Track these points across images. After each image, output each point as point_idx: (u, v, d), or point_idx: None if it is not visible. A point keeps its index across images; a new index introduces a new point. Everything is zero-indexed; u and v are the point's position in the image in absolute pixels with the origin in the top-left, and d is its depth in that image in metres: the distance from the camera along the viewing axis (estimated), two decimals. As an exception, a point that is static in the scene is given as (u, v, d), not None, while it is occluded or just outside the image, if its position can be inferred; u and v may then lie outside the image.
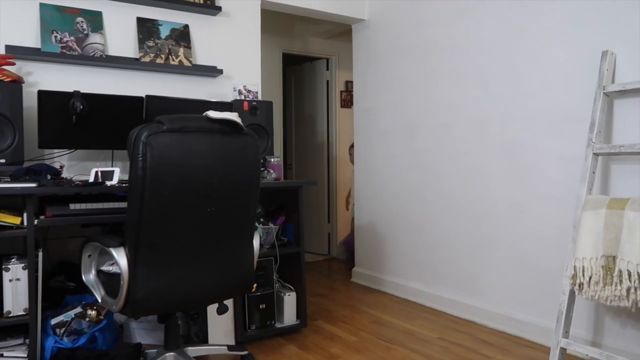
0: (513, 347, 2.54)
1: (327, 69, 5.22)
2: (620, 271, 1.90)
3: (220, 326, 2.54)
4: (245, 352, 2.34)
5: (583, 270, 2.02)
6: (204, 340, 2.53)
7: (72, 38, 2.62)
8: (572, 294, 2.12)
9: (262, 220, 2.71)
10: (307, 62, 5.33)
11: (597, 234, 2.01)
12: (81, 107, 2.42)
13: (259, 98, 3.07)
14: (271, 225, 2.75)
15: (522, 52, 2.72)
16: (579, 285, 2.04)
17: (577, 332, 2.35)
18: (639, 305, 1.85)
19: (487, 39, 2.91)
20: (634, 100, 2.23)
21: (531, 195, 2.67)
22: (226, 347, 2.35)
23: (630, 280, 1.86)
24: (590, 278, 2.00)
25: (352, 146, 3.85)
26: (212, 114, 1.92)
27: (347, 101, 5.16)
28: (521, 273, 2.72)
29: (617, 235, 1.95)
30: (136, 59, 2.82)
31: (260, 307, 2.66)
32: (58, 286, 2.52)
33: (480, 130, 2.96)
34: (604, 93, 2.26)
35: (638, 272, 1.84)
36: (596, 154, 2.24)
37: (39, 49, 2.53)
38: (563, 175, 2.50)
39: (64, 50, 2.58)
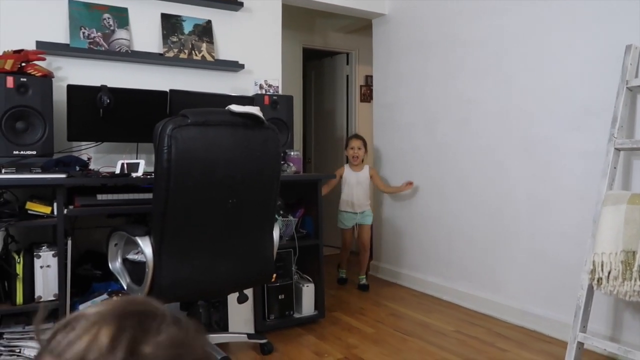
0: (530, 341, 2.55)
1: (347, 64, 5.23)
2: (639, 266, 1.89)
3: (241, 315, 2.60)
4: (264, 341, 2.40)
5: (602, 265, 2.02)
6: (224, 328, 2.59)
7: (99, 34, 2.69)
8: (590, 289, 2.11)
9: (281, 212, 2.76)
10: (327, 57, 5.35)
11: (617, 229, 2.01)
12: (108, 101, 2.50)
13: (280, 92, 3.11)
14: (290, 217, 2.79)
15: (544, 47, 2.70)
16: (598, 280, 2.03)
17: (595, 327, 2.34)
18: (659, 300, 1.85)
19: (509, 34, 2.90)
20: (658, 95, 2.21)
21: (552, 190, 2.66)
22: (246, 335, 2.42)
23: (649, 276, 1.85)
24: (609, 273, 1.99)
25: (347, 145, 3.75)
26: (235, 107, 1.97)
27: (367, 96, 5.16)
28: (540, 268, 2.72)
29: (638, 231, 1.94)
30: (160, 54, 2.88)
31: (280, 297, 2.72)
32: (85, 274, 2.61)
33: (501, 125, 2.95)
34: (627, 87, 2.24)
35: (658, 268, 1.84)
36: (618, 149, 2.22)
37: (67, 45, 2.61)
38: (584, 171, 2.48)
39: (91, 46, 2.66)
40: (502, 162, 2.95)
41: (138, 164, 2.41)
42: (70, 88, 2.45)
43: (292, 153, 2.94)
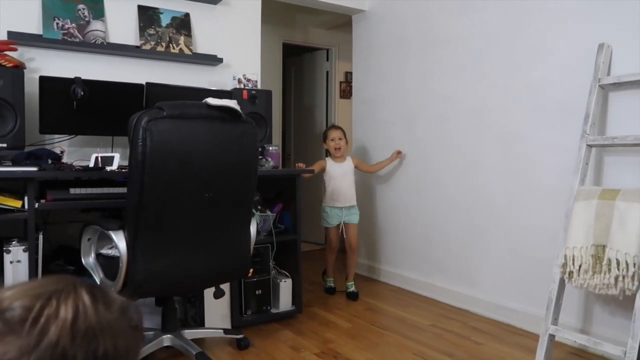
0: (504, 335, 2.59)
1: (327, 60, 5.23)
2: (609, 260, 1.94)
3: (217, 311, 2.59)
4: (240, 336, 2.39)
5: (573, 259, 2.06)
6: (200, 323, 2.57)
7: (73, 25, 2.64)
8: (562, 282, 2.16)
9: (259, 207, 2.75)
10: (307, 52, 5.35)
11: (588, 224, 2.05)
12: (82, 93, 2.45)
13: (259, 87, 3.10)
14: (268, 212, 2.78)
15: (521, 45, 2.74)
16: (569, 274, 2.08)
17: (566, 320, 2.39)
18: (627, 293, 1.89)
19: (486, 31, 2.93)
20: (629, 92, 2.26)
21: (527, 186, 2.71)
22: (222, 331, 2.40)
23: (618, 269, 1.90)
24: (580, 267, 2.04)
25: (326, 137, 3.42)
26: (212, 101, 1.95)
27: (347, 92, 5.17)
28: (514, 263, 2.77)
29: (608, 225, 1.99)
30: (137, 47, 2.84)
31: (257, 292, 2.71)
32: (57, 270, 2.56)
33: (478, 122, 2.99)
34: (599, 85, 2.29)
35: (626, 261, 1.88)
36: (590, 146, 2.27)
37: (40, 36, 2.55)
38: (558, 167, 2.53)
39: (65, 37, 2.60)
40: (478, 159, 2.99)
41: (113, 157, 2.37)
42: (43, 79, 2.40)
43: (270, 148, 2.93)
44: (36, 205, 2.07)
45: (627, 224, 1.92)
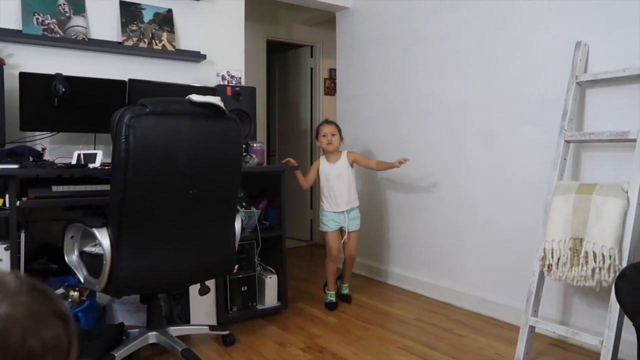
0: (486, 327, 2.64)
1: (311, 57, 5.24)
2: (586, 252, 1.99)
3: (202, 307, 2.59)
4: (226, 332, 2.40)
5: (552, 252, 2.11)
6: (186, 320, 2.57)
7: (53, 20, 2.61)
8: (541, 275, 2.21)
9: (244, 204, 2.75)
10: (291, 49, 5.35)
11: (566, 218, 2.10)
12: (63, 89, 2.42)
13: (243, 84, 3.10)
14: (253, 209, 2.79)
15: (501, 43, 2.78)
16: (548, 267, 2.13)
17: (547, 312, 2.45)
18: (603, 284, 1.95)
19: (467, 29, 2.97)
20: (605, 89, 2.31)
21: (507, 181, 2.75)
22: (208, 327, 2.41)
23: (595, 261, 1.95)
24: (558, 259, 2.09)
25: (318, 134, 3.12)
26: (195, 97, 1.95)
27: (331, 89, 5.19)
28: (496, 257, 2.82)
29: (585, 219, 2.04)
30: (119, 43, 2.82)
31: (242, 289, 2.71)
32: (40, 268, 2.53)
33: (460, 119, 3.03)
34: (576, 82, 2.34)
35: (603, 254, 1.94)
36: (568, 141, 2.32)
37: (20, 31, 2.51)
38: (538, 162, 2.58)
39: (45, 33, 2.57)
40: (460, 155, 3.03)
41: (95, 154, 2.36)
42: (23, 76, 2.37)
43: (255, 144, 2.93)
44: (18, 203, 2.05)
45: (603, 218, 1.97)
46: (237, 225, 2.24)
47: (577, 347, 2.35)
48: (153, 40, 2.92)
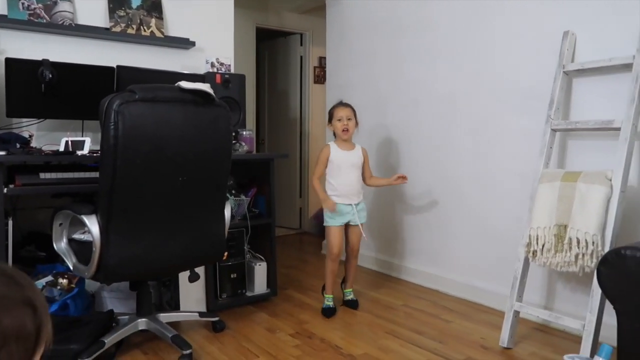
0: (472, 313, 2.69)
1: (301, 45, 5.22)
2: (570, 239, 2.03)
3: (192, 295, 2.60)
4: (216, 318, 2.42)
5: (537, 239, 2.15)
6: (175, 308, 2.59)
7: (40, 5, 2.57)
8: (526, 261, 2.25)
9: (233, 192, 2.76)
10: (280, 37, 5.32)
11: (552, 205, 2.14)
12: (50, 75, 2.40)
13: (232, 71, 3.08)
14: (243, 197, 2.80)
15: (490, 32, 2.80)
16: (533, 253, 2.17)
17: (531, 297, 2.50)
18: (586, 270, 1.99)
19: (456, 18, 2.98)
20: (591, 78, 2.34)
21: (495, 170, 2.79)
22: (198, 314, 2.42)
23: (578, 247, 1.99)
24: (543, 246, 2.13)
25: (332, 117, 2.74)
26: (185, 84, 1.94)
27: (321, 77, 5.18)
28: (482, 243, 2.86)
29: (569, 206, 2.08)
30: (106, 29, 2.79)
31: (232, 276, 2.73)
32: (29, 256, 2.53)
33: (448, 108, 3.05)
34: (563, 72, 2.36)
35: (586, 240, 1.98)
36: (554, 130, 2.35)
37: (5, 16, 2.48)
38: (525, 151, 2.61)
39: (31, 18, 2.53)
40: (448, 143, 3.05)
41: (84, 141, 2.34)
42: (9, 61, 2.34)
43: (244, 132, 2.93)
44: (5, 190, 2.03)
45: (587, 205, 2.01)
46: (227, 212, 2.25)
47: (559, 331, 2.40)
48: (141, 27, 2.89)
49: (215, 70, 2.98)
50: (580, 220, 2.02)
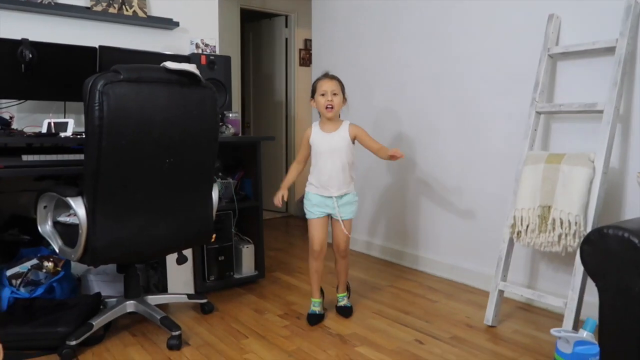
0: (457, 293, 2.74)
1: (286, 27, 5.17)
2: (553, 219, 2.07)
3: (180, 277, 2.60)
4: (204, 300, 2.42)
5: (522, 220, 2.19)
6: (163, 291, 2.58)
7: (17, -18, 2.49)
8: (511, 242, 2.29)
9: (220, 174, 2.75)
10: (265, 18, 5.25)
11: (535, 187, 2.17)
12: (30, 55, 2.34)
13: (217, 53, 3.04)
14: (229, 179, 2.79)
15: (476, 14, 2.80)
16: (517, 233, 2.21)
17: (514, 277, 2.56)
18: (568, 250, 2.04)
19: (443, 0, 2.98)
20: (575, 62, 2.37)
21: (480, 152, 2.82)
22: (186, 296, 2.42)
23: (562, 228, 2.04)
24: (527, 226, 2.17)
25: (314, 91, 2.38)
26: (170, 64, 1.91)
27: (306, 60, 5.15)
28: (468, 225, 2.90)
29: (553, 187, 2.12)
30: (87, 8, 2.72)
31: (219, 258, 2.73)
32: (12, 239, 2.49)
33: (435, 90, 3.06)
34: (548, 55, 2.38)
35: (569, 220, 2.02)
36: (538, 113, 2.38)
37: (-19, -7, 2.40)
38: (510, 133, 2.64)
39: (9, -4, 2.46)
40: (434, 125, 3.07)
41: (67, 123, 2.30)
42: (-13, 41, 2.27)
43: (230, 115, 2.90)
44: (-14, 172, 1.99)
45: (570, 186, 2.05)
46: (215, 194, 2.24)
47: (542, 310, 2.46)
48: (123, 6, 2.83)
49: (200, 51, 2.94)
50: (564, 201, 2.05)
